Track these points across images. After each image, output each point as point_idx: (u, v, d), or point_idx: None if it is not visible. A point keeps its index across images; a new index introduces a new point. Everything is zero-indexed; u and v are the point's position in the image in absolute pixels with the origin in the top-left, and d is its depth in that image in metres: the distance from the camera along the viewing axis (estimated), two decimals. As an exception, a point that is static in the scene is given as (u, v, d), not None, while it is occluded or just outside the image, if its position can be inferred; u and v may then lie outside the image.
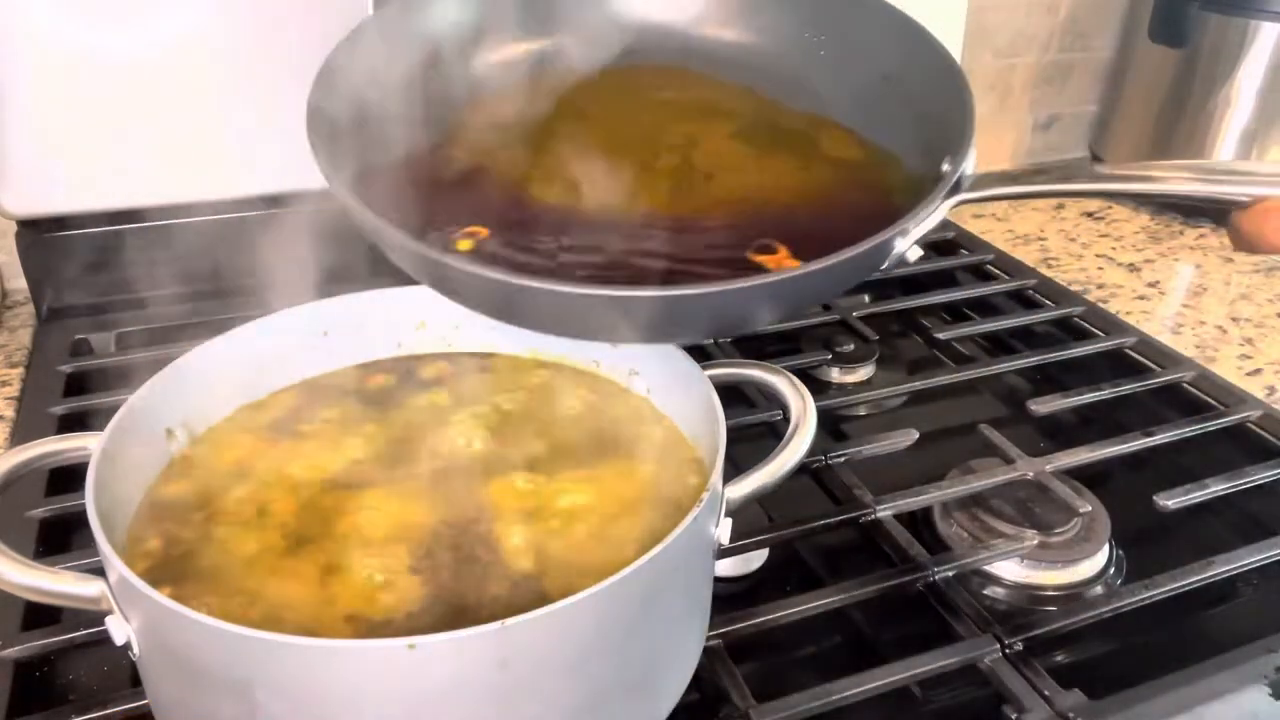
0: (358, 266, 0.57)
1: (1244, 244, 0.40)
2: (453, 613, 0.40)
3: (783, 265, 0.49)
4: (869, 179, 0.55)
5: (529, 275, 0.43)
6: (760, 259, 0.50)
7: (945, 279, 0.89)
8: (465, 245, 0.50)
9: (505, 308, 0.48)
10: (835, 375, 0.75)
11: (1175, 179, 0.40)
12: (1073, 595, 0.56)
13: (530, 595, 0.41)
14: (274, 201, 0.71)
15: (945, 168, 0.49)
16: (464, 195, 0.54)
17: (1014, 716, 0.46)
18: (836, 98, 0.60)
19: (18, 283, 0.83)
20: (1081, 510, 0.58)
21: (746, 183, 0.56)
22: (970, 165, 0.49)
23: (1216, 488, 0.60)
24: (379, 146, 0.54)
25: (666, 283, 0.45)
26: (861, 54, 0.60)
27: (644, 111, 0.60)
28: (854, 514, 0.57)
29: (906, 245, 0.47)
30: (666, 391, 0.52)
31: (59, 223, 0.77)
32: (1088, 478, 0.62)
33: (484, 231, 0.51)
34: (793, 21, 0.62)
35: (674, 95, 0.61)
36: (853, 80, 0.59)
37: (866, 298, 0.86)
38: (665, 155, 0.57)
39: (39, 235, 0.77)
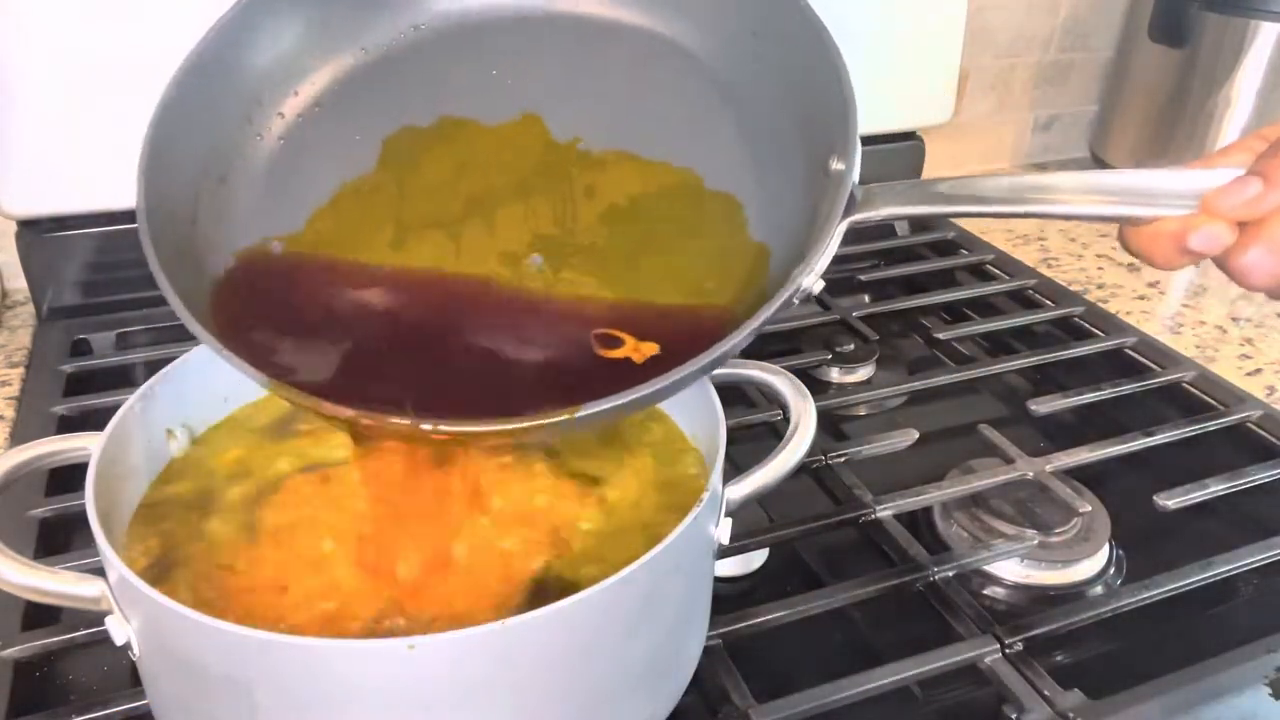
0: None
1: (1134, 255, 0.40)
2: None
3: (639, 350, 0.43)
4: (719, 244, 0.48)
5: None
6: (609, 353, 0.44)
7: (945, 279, 0.89)
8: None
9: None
10: (835, 375, 0.75)
11: (1076, 201, 0.40)
12: (1073, 595, 0.56)
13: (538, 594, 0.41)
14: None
15: (835, 166, 0.42)
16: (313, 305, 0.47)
17: (1014, 716, 0.46)
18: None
19: (18, 283, 0.83)
20: (1081, 510, 0.58)
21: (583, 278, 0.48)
22: (857, 166, 0.41)
23: (1216, 488, 0.60)
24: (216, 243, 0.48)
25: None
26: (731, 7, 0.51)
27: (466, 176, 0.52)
28: (854, 514, 0.57)
29: (813, 280, 0.40)
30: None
31: (59, 223, 0.77)
32: (1088, 478, 0.62)
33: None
34: None
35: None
36: (721, 37, 0.51)
37: (866, 298, 0.86)
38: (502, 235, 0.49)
39: (39, 235, 0.77)
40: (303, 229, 0.48)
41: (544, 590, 0.42)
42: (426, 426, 0.39)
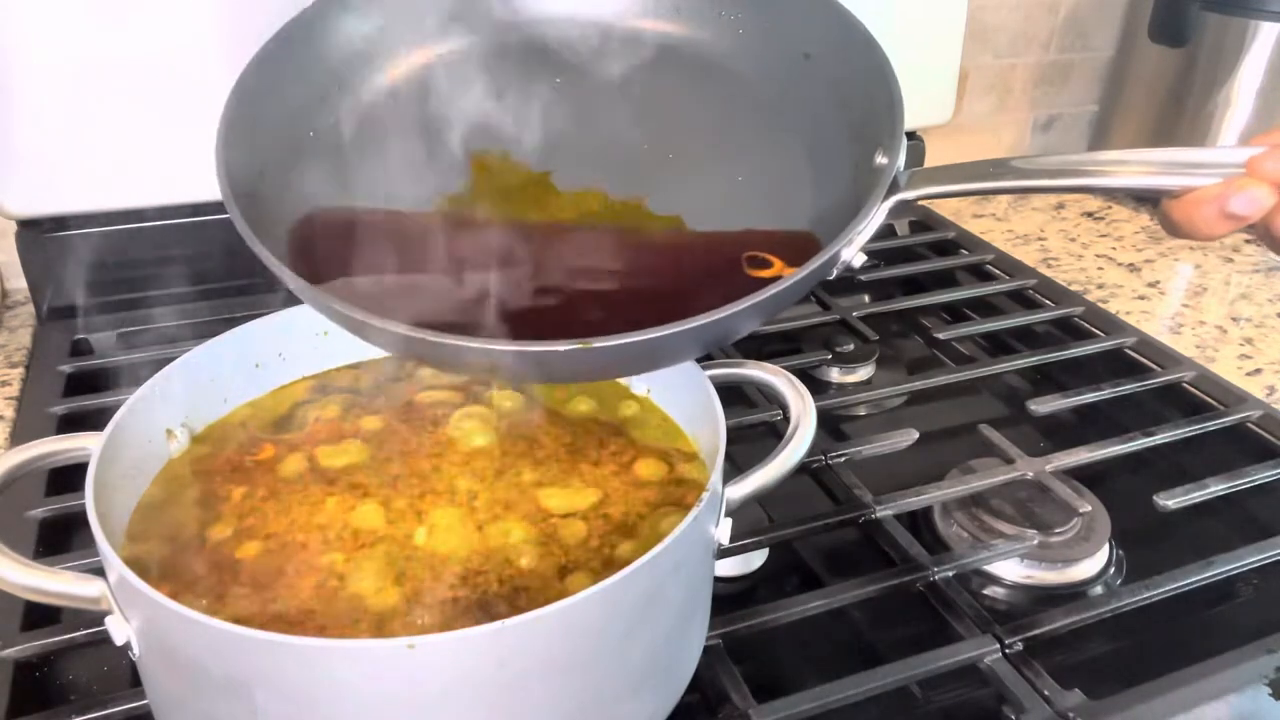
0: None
1: (1174, 231, 0.40)
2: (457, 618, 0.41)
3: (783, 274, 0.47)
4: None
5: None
6: (759, 273, 0.48)
7: (945, 279, 0.89)
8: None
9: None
10: (835, 375, 0.75)
11: (1119, 172, 0.40)
12: (1073, 595, 0.56)
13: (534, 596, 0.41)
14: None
15: (880, 160, 0.47)
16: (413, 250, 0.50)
17: (1014, 716, 0.46)
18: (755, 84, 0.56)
19: (18, 283, 0.83)
20: (1081, 510, 0.58)
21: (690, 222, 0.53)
22: (902, 158, 0.46)
23: (1216, 488, 0.60)
24: (294, 199, 0.50)
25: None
26: (782, 34, 0.56)
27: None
28: (854, 514, 0.57)
29: (853, 252, 0.44)
30: (667, 391, 0.52)
31: (59, 223, 0.77)
32: (1088, 478, 0.62)
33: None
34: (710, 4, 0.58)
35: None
36: (773, 62, 0.56)
37: (866, 298, 0.86)
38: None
39: (39, 235, 0.77)
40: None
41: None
42: (604, 343, 0.39)
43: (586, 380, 0.53)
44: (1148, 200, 1.07)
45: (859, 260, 0.44)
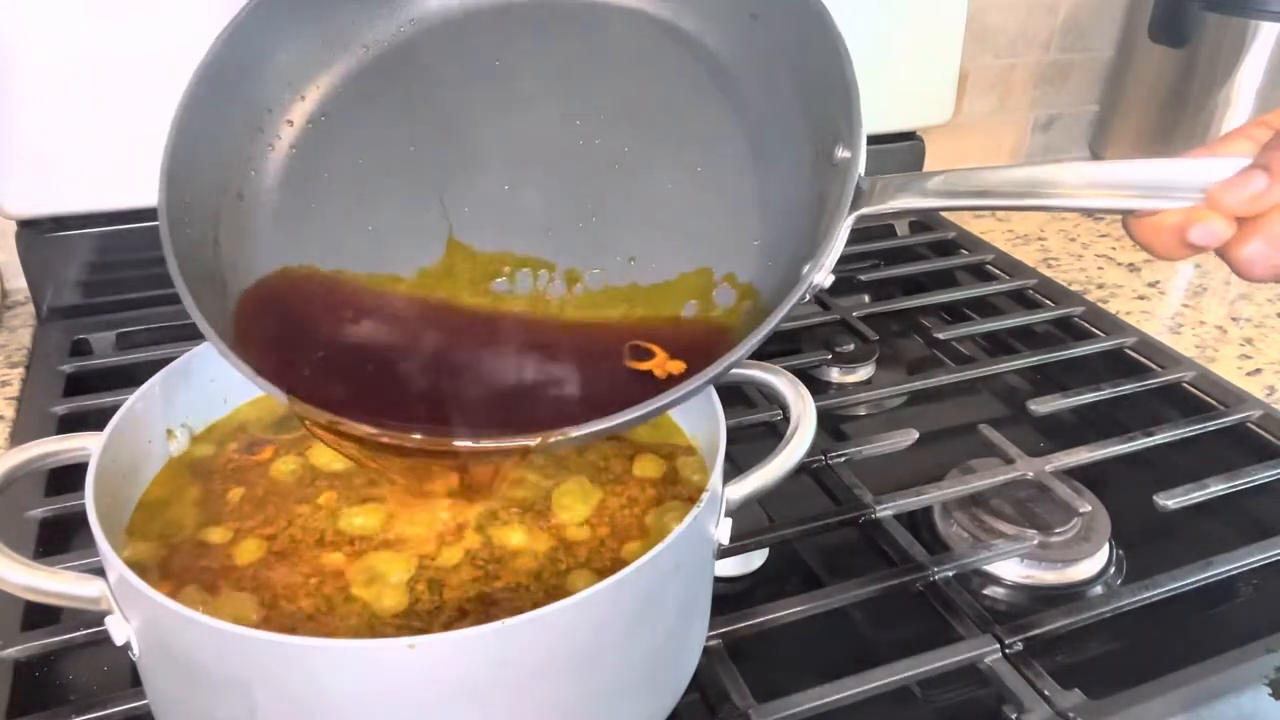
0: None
1: (1137, 243, 0.40)
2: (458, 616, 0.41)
3: (665, 367, 0.44)
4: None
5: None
6: (639, 365, 0.45)
7: (945, 279, 0.89)
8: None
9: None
10: (835, 375, 0.75)
11: (1082, 194, 0.40)
12: (1073, 595, 0.56)
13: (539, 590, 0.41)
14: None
15: (841, 154, 0.42)
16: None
17: (1014, 716, 0.46)
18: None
19: (18, 283, 0.83)
20: (1081, 510, 0.58)
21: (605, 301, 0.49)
22: (863, 153, 0.41)
23: (1216, 488, 0.60)
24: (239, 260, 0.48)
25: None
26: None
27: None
28: (854, 514, 0.57)
29: (824, 276, 0.40)
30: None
31: (59, 223, 0.77)
32: (1088, 478, 0.61)
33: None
34: None
35: None
36: (722, 23, 0.50)
37: (866, 298, 0.86)
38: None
39: (39, 235, 0.77)
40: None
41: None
42: (464, 444, 0.40)
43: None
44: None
45: (828, 281, 0.41)
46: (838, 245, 0.41)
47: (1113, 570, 0.57)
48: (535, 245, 0.49)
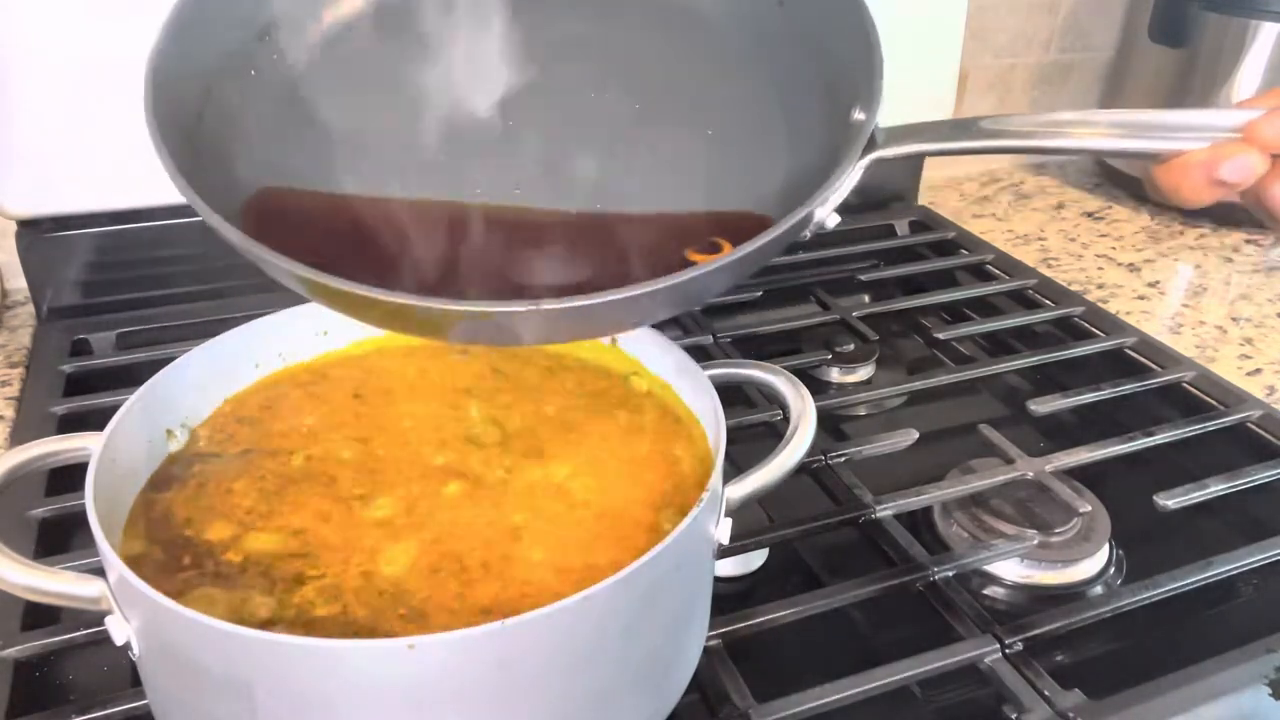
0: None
1: (1161, 196, 0.39)
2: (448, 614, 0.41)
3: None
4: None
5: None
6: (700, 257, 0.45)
7: (945, 279, 0.89)
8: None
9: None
10: (835, 375, 0.75)
11: (1104, 134, 0.39)
12: (1073, 595, 0.56)
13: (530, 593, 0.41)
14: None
15: (857, 116, 0.45)
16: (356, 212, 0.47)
17: (1014, 716, 0.46)
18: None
19: (18, 283, 0.83)
20: (1081, 510, 0.58)
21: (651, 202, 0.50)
22: (876, 114, 0.44)
23: (1216, 488, 0.60)
24: (237, 146, 0.48)
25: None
26: None
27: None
28: (854, 514, 0.57)
29: (827, 212, 0.42)
30: (666, 390, 0.52)
31: (59, 223, 0.77)
32: (1088, 478, 0.62)
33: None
34: None
35: None
36: (744, 8, 0.52)
37: (866, 298, 0.86)
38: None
39: (39, 235, 0.77)
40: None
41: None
42: (551, 306, 0.37)
43: (546, 343, 0.51)
44: (1147, 200, 1.07)
45: (833, 221, 0.43)
46: (846, 184, 0.42)
47: (1113, 570, 0.57)
48: (542, 197, 0.49)
